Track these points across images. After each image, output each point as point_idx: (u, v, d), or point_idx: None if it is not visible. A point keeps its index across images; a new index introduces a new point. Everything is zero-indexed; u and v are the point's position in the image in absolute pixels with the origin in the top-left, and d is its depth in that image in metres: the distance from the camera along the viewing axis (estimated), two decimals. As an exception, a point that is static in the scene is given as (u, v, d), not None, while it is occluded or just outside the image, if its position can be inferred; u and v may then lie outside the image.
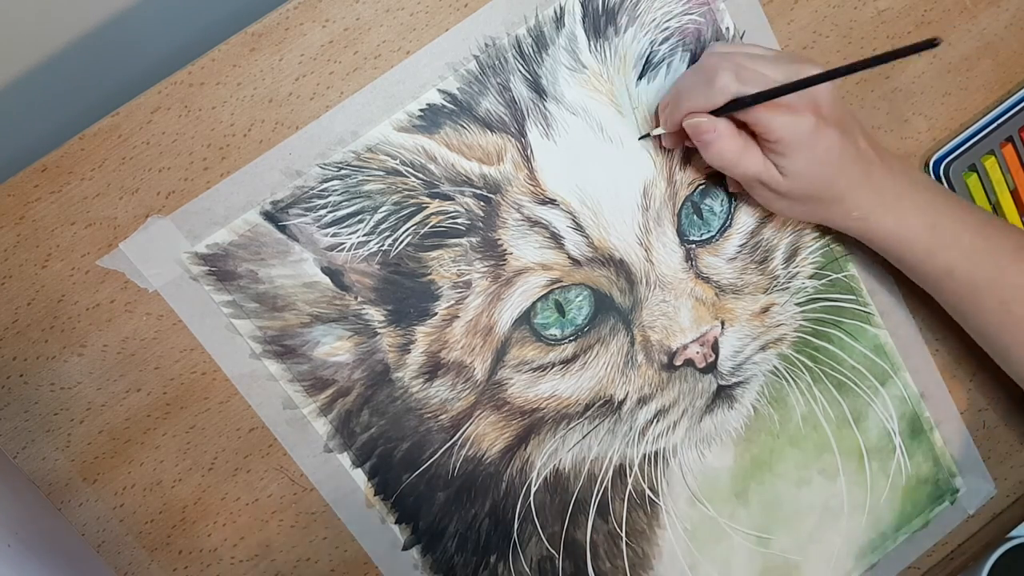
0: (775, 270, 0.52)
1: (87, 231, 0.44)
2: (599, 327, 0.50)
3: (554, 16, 0.48)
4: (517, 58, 0.47)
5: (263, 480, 0.48)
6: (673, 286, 0.50)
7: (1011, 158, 0.55)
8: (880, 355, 0.55)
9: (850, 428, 0.55)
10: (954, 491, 0.58)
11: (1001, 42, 0.56)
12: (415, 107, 0.46)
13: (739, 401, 0.53)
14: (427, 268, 0.47)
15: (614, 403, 0.51)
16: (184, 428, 0.47)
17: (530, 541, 0.52)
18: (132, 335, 0.45)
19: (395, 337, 0.48)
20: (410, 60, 0.46)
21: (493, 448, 0.50)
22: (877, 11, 0.53)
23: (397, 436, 0.49)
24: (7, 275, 0.44)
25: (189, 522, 0.48)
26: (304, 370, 0.47)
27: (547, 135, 0.48)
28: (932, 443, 0.57)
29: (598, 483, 0.52)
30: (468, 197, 0.47)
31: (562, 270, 0.49)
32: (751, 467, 0.54)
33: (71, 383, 0.45)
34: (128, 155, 0.44)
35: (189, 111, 0.44)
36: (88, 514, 0.47)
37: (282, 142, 0.45)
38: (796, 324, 0.53)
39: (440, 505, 0.50)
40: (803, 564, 0.56)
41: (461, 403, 0.49)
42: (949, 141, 0.55)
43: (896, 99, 0.54)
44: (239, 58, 0.44)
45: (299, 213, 0.46)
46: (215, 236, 0.45)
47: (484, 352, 0.49)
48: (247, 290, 0.46)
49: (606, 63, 0.48)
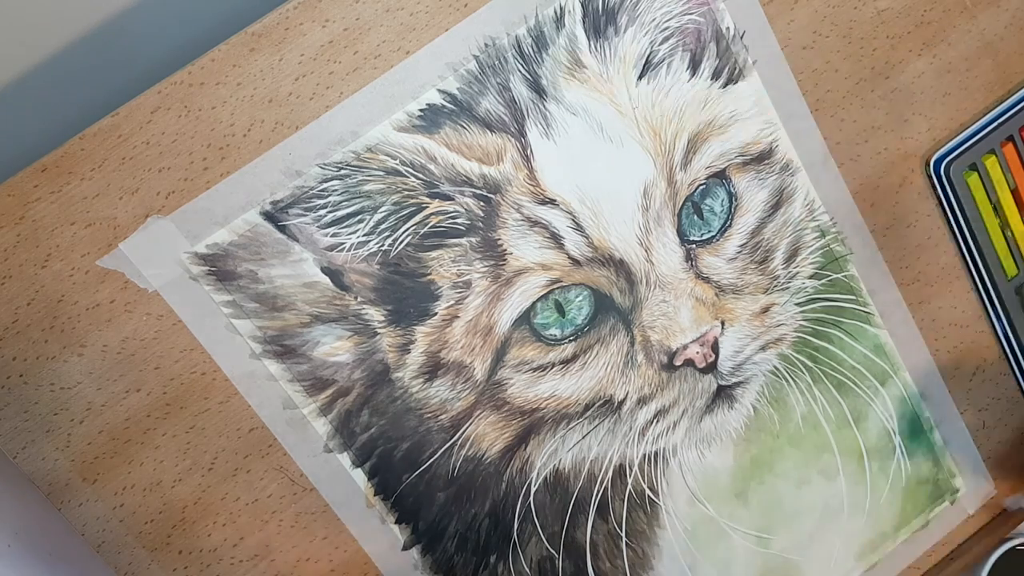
0: (775, 270, 0.52)
1: (87, 231, 0.44)
2: (599, 327, 0.50)
3: (554, 16, 0.47)
4: (517, 58, 0.47)
5: (263, 480, 0.48)
6: (673, 286, 0.50)
7: (1012, 157, 0.55)
8: (880, 355, 0.55)
9: (850, 428, 0.55)
10: (954, 491, 0.58)
11: (1001, 42, 0.56)
12: (415, 107, 0.46)
13: (739, 401, 0.53)
14: (427, 268, 0.47)
15: (614, 403, 0.51)
16: (184, 428, 0.47)
17: (530, 541, 0.52)
18: (132, 335, 0.45)
19: (395, 337, 0.48)
20: (410, 60, 0.46)
21: (493, 448, 0.50)
22: (877, 11, 0.53)
23: (397, 436, 0.49)
24: (7, 275, 0.44)
25: (189, 522, 0.48)
26: (304, 370, 0.47)
27: (547, 135, 0.48)
28: (932, 443, 0.57)
29: (598, 483, 0.52)
30: (468, 197, 0.47)
31: (562, 270, 0.49)
32: (751, 467, 0.54)
33: (71, 383, 0.45)
34: (128, 155, 0.44)
35: (189, 111, 0.44)
36: (88, 514, 0.47)
37: (282, 142, 0.45)
38: (796, 324, 0.53)
39: (440, 505, 0.50)
40: (803, 564, 0.56)
41: (461, 403, 0.49)
42: (949, 141, 0.55)
43: (896, 99, 0.54)
44: (239, 58, 0.44)
45: (299, 213, 0.46)
46: (215, 236, 0.45)
47: (484, 352, 0.49)
48: (247, 290, 0.46)
49: (606, 63, 0.48)
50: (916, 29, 0.54)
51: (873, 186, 0.55)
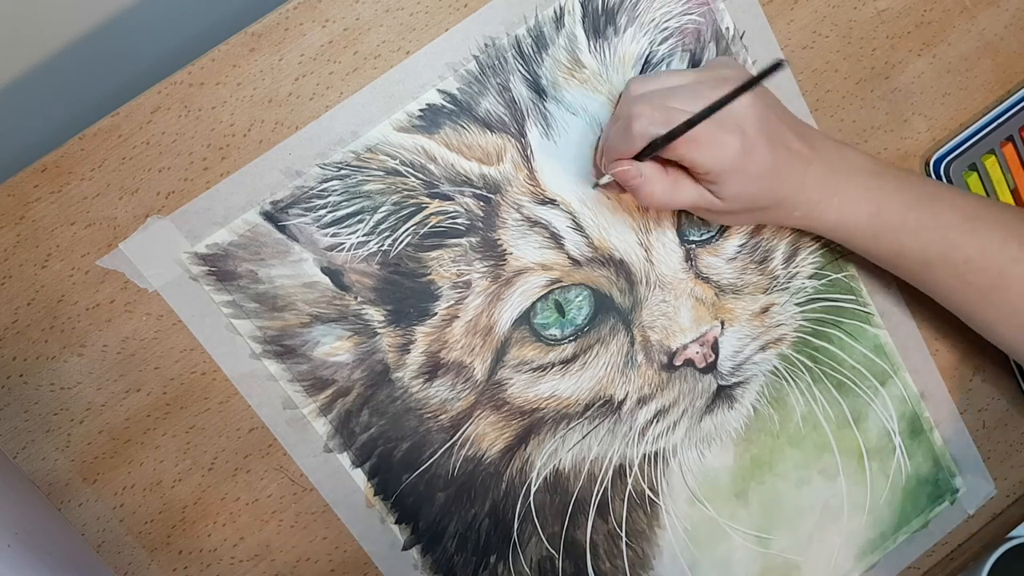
0: (775, 270, 0.52)
1: (87, 231, 0.44)
2: (599, 327, 0.50)
3: (554, 16, 0.48)
4: (517, 58, 0.47)
5: (263, 480, 0.48)
6: (673, 286, 0.50)
7: (1011, 157, 0.55)
8: (880, 355, 0.55)
9: (850, 428, 0.55)
10: (954, 491, 0.58)
11: (1001, 42, 0.56)
12: (415, 107, 0.46)
13: (739, 401, 0.53)
14: (427, 268, 0.47)
15: (614, 403, 0.51)
16: (184, 428, 0.47)
17: (530, 541, 0.52)
18: (132, 335, 0.45)
19: (395, 337, 0.48)
20: (410, 60, 0.46)
21: (493, 448, 0.50)
22: (877, 11, 0.53)
23: (397, 436, 0.49)
24: (7, 275, 0.44)
25: (189, 522, 0.48)
26: (304, 370, 0.47)
27: (547, 135, 0.48)
28: (932, 443, 0.57)
29: (598, 483, 0.52)
30: (468, 197, 0.47)
31: (562, 270, 0.49)
32: (751, 467, 0.54)
33: (71, 383, 0.45)
34: (128, 155, 0.44)
35: (189, 111, 0.44)
36: (88, 514, 0.47)
37: (282, 142, 0.45)
38: (796, 324, 0.53)
39: (440, 505, 0.50)
40: (803, 564, 0.56)
41: (461, 403, 0.49)
42: (949, 141, 0.55)
43: (896, 99, 0.54)
44: (239, 58, 0.44)
45: (299, 213, 0.46)
46: (215, 236, 0.45)
47: (484, 352, 0.49)
48: (247, 290, 0.46)
49: (606, 63, 0.48)
50: (916, 29, 0.54)
51: (873, 186, 0.55)
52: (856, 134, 0.54)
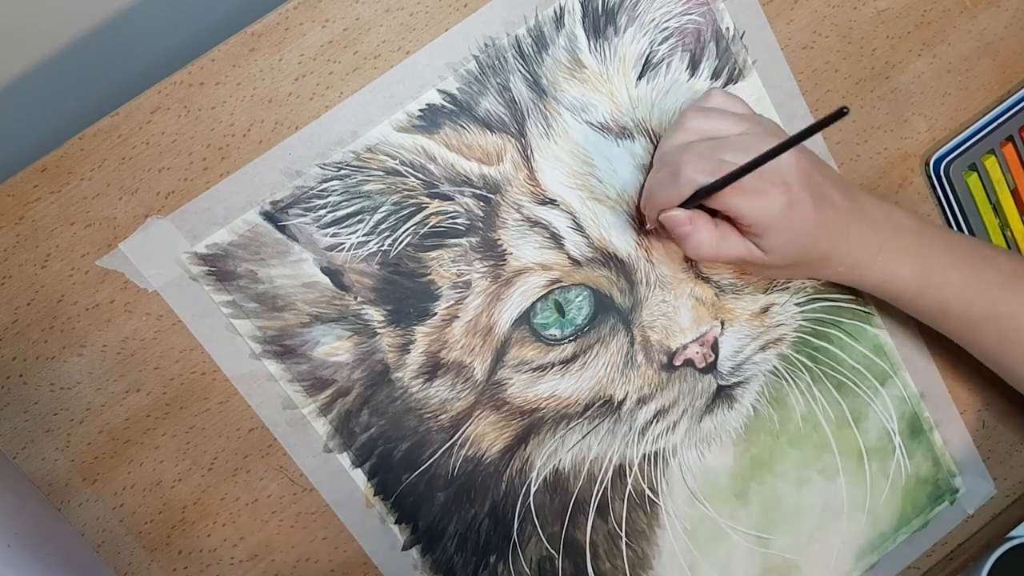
0: (775, 270, 0.52)
1: (87, 231, 0.44)
2: (599, 327, 0.50)
3: (554, 16, 0.48)
4: (517, 58, 0.47)
5: (263, 480, 0.48)
6: (673, 286, 0.50)
7: (1011, 157, 0.55)
8: (880, 355, 0.55)
9: (850, 428, 0.55)
10: (954, 491, 0.58)
11: (1001, 42, 0.56)
12: (415, 107, 0.46)
13: (739, 401, 0.53)
14: (427, 268, 0.47)
15: (614, 403, 0.51)
16: (184, 428, 0.47)
17: (530, 541, 0.52)
18: (132, 335, 0.45)
19: (395, 337, 0.48)
20: (410, 60, 0.46)
21: (493, 448, 0.50)
22: (877, 11, 0.53)
23: (397, 436, 0.49)
24: (7, 275, 0.44)
25: (189, 522, 0.48)
26: (304, 370, 0.47)
27: (547, 135, 0.48)
28: (932, 443, 0.57)
29: (598, 483, 0.52)
30: (468, 197, 0.47)
31: (562, 270, 0.49)
32: (751, 467, 0.54)
33: (71, 383, 0.45)
34: (128, 155, 0.44)
35: (189, 111, 0.44)
36: (88, 514, 0.47)
37: (282, 142, 0.45)
38: (796, 324, 0.53)
39: (440, 505, 0.50)
40: (803, 564, 0.56)
41: (461, 403, 0.49)
42: (949, 141, 0.55)
43: (896, 99, 0.54)
44: (239, 58, 0.44)
45: (299, 213, 0.46)
46: (215, 236, 0.45)
47: (484, 352, 0.49)
48: (247, 290, 0.46)
49: (606, 63, 0.48)
50: (916, 29, 0.54)
51: (873, 186, 0.55)
52: (856, 134, 0.54)
